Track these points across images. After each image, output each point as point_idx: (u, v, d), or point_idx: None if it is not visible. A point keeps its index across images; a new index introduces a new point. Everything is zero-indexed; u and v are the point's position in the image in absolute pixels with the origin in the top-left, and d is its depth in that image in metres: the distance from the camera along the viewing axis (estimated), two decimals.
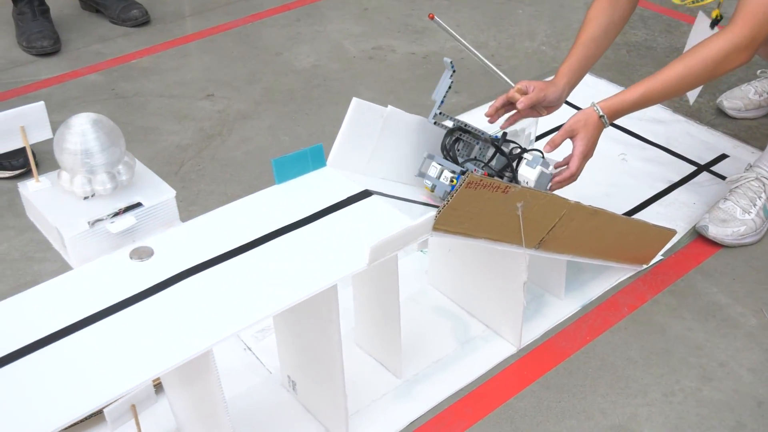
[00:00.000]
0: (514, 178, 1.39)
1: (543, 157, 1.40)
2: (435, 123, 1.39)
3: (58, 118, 1.22)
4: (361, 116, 1.32)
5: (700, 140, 2.09)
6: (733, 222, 1.71)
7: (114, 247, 1.16)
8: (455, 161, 1.38)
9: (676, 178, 1.95)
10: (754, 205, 1.72)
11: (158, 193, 1.19)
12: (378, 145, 1.35)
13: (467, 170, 1.31)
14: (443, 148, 1.40)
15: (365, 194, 1.27)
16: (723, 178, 1.93)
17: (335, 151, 1.32)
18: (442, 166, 1.35)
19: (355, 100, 1.31)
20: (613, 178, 1.95)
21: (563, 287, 1.58)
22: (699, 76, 1.46)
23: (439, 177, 1.34)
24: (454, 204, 1.17)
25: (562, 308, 1.58)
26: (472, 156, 1.42)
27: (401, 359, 1.42)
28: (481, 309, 1.54)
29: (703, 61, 1.44)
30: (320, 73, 2.44)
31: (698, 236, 1.76)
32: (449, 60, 1.35)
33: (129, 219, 1.15)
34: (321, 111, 2.25)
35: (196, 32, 2.70)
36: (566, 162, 1.44)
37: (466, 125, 1.40)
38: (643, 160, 2.02)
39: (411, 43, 2.61)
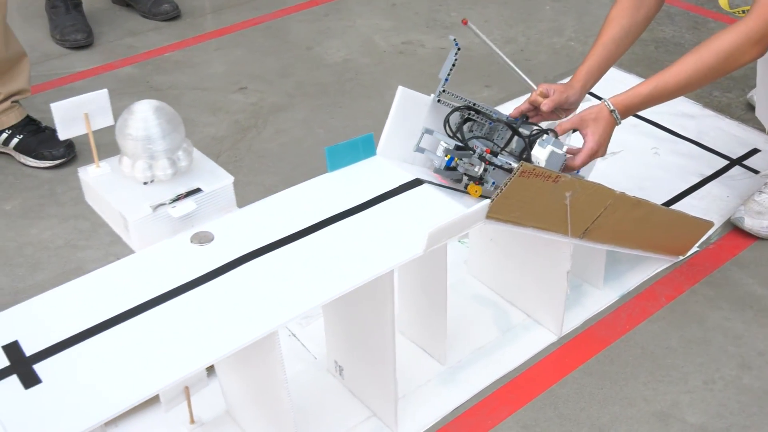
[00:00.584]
0: (528, 157, 1.37)
1: (557, 137, 1.37)
2: (439, 101, 1.38)
3: None
4: (407, 105, 1.34)
5: (731, 135, 2.10)
6: None
7: (174, 231, 1.18)
8: (463, 141, 1.35)
9: (709, 172, 1.97)
10: None
11: (217, 179, 1.22)
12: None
13: (467, 146, 1.31)
14: (446, 124, 1.37)
15: (417, 182, 1.29)
16: (756, 172, 1.94)
17: (384, 141, 1.35)
18: (439, 140, 1.35)
19: (400, 89, 1.33)
20: (647, 171, 1.97)
21: (602, 277, 1.60)
22: (711, 68, 1.41)
23: (435, 150, 1.35)
24: (507, 192, 1.19)
25: (600, 298, 1.60)
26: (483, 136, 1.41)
27: (446, 346, 1.44)
28: (521, 298, 1.56)
29: (715, 53, 1.41)
30: (351, 67, 2.47)
31: (733, 228, 1.78)
32: (453, 38, 1.35)
33: (189, 204, 1.18)
34: (354, 104, 2.28)
35: (226, 26, 2.73)
36: (572, 153, 1.41)
37: (475, 104, 1.38)
38: (676, 153, 2.04)
39: (440, 38, 2.63)
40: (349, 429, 1.35)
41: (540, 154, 1.34)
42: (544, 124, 1.60)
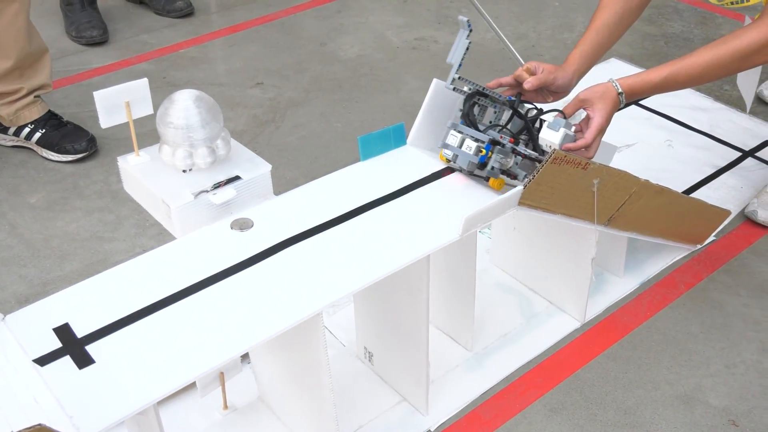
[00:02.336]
0: (531, 140, 1.35)
1: (565, 117, 1.34)
2: (454, 89, 1.33)
3: None
4: (439, 97, 1.37)
5: (743, 127, 2.14)
6: None
7: (214, 218, 1.21)
8: (475, 127, 1.32)
9: (723, 163, 2.00)
10: None
11: (255, 167, 1.24)
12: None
13: (493, 139, 1.27)
14: (464, 114, 1.33)
15: (448, 170, 1.32)
16: None
17: (415, 131, 1.37)
18: (463, 134, 1.29)
19: (435, 81, 1.36)
20: (661, 163, 2.00)
21: (623, 265, 1.63)
22: (726, 66, 1.40)
23: (461, 146, 1.29)
24: (539, 179, 1.22)
25: (621, 285, 1.64)
26: (486, 119, 1.38)
27: (473, 333, 1.47)
28: (545, 285, 1.59)
29: (732, 52, 1.39)
30: (366, 63, 2.50)
31: (748, 218, 1.81)
32: (465, 19, 1.28)
33: (229, 191, 1.20)
34: (370, 98, 2.30)
35: (240, 23, 2.76)
36: (579, 129, 1.37)
37: (484, 89, 1.35)
38: (689, 146, 2.07)
39: (452, 34, 2.66)
40: (381, 413, 1.38)
41: (553, 137, 1.31)
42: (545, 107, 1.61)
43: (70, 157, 2.04)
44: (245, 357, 1.40)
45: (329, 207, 1.24)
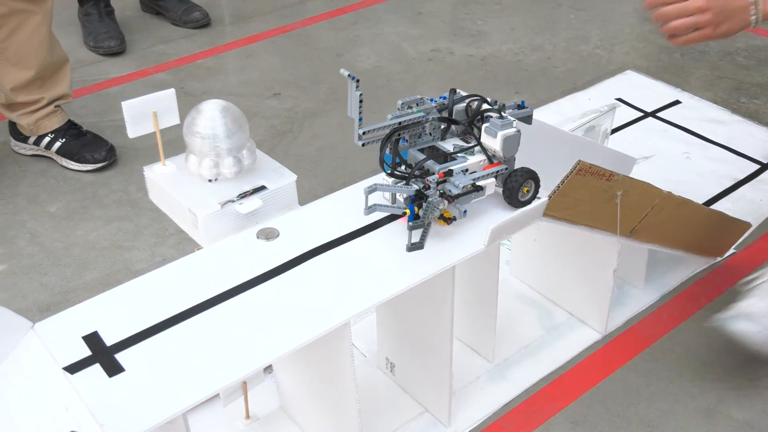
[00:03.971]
0: (479, 143, 1.21)
1: (501, 115, 1.20)
2: (363, 144, 1.17)
3: None
4: None
5: (762, 140, 2.14)
6: None
7: (240, 227, 1.21)
8: (408, 166, 1.19)
9: (741, 176, 2.00)
10: None
11: (281, 177, 1.25)
12: None
13: (418, 191, 1.14)
14: (382, 163, 1.18)
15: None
16: None
17: None
18: (387, 189, 1.16)
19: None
20: (680, 175, 2.00)
21: (644, 277, 1.63)
22: None
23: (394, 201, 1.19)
24: (564, 190, 1.22)
25: (642, 297, 1.63)
26: (425, 141, 1.22)
27: (495, 344, 1.47)
28: (565, 297, 1.59)
29: None
30: (382, 74, 2.50)
31: None
32: (346, 73, 1.13)
33: (256, 201, 1.21)
34: (387, 110, 2.29)
35: (256, 34, 2.77)
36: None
37: (400, 123, 1.18)
38: (707, 158, 2.07)
39: (468, 45, 2.67)
40: (403, 424, 1.38)
41: (493, 144, 1.19)
42: (602, 118, 1.57)
43: (89, 167, 2.05)
44: (267, 367, 1.40)
45: (354, 218, 1.24)
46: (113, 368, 0.99)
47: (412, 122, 1.18)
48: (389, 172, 1.18)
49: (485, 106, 1.24)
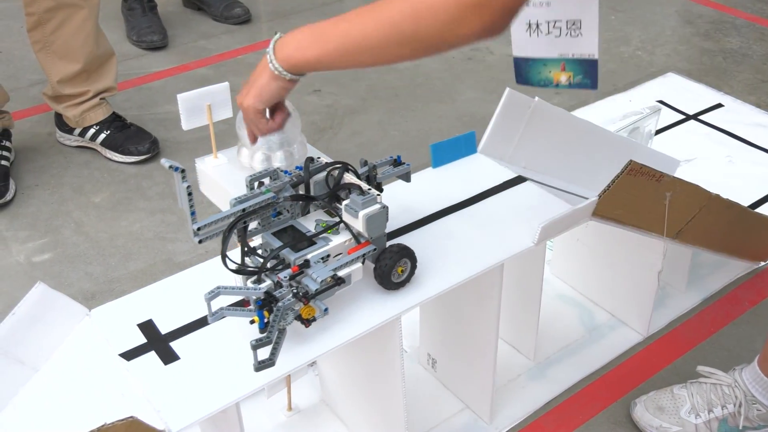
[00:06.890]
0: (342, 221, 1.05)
1: (363, 191, 1.04)
2: (200, 241, 0.99)
3: (175, 108, 1.32)
4: (512, 106, 1.37)
5: None
6: None
7: None
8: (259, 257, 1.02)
9: None
10: None
11: None
12: (523, 135, 1.41)
13: (267, 292, 0.96)
14: (224, 258, 1.00)
15: (520, 179, 1.33)
16: None
17: (487, 139, 1.38)
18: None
19: (508, 90, 1.36)
20: (722, 179, 1.98)
21: (686, 280, 1.63)
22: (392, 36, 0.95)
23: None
24: (615, 190, 1.22)
25: (684, 300, 1.62)
26: (283, 220, 1.06)
27: (536, 342, 1.47)
28: (607, 298, 1.59)
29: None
30: (422, 72, 2.51)
31: None
32: (168, 164, 0.94)
33: None
34: (426, 108, 2.32)
35: None
36: None
37: (244, 210, 1.01)
38: (750, 162, 2.05)
39: (506, 45, 2.65)
40: (443, 420, 1.38)
41: (356, 223, 1.03)
42: (647, 120, 1.55)
43: (133, 159, 2.07)
44: None
45: (402, 214, 1.25)
46: (168, 356, 1.01)
47: (259, 206, 1.02)
48: (235, 269, 0.99)
49: (348, 177, 1.07)
